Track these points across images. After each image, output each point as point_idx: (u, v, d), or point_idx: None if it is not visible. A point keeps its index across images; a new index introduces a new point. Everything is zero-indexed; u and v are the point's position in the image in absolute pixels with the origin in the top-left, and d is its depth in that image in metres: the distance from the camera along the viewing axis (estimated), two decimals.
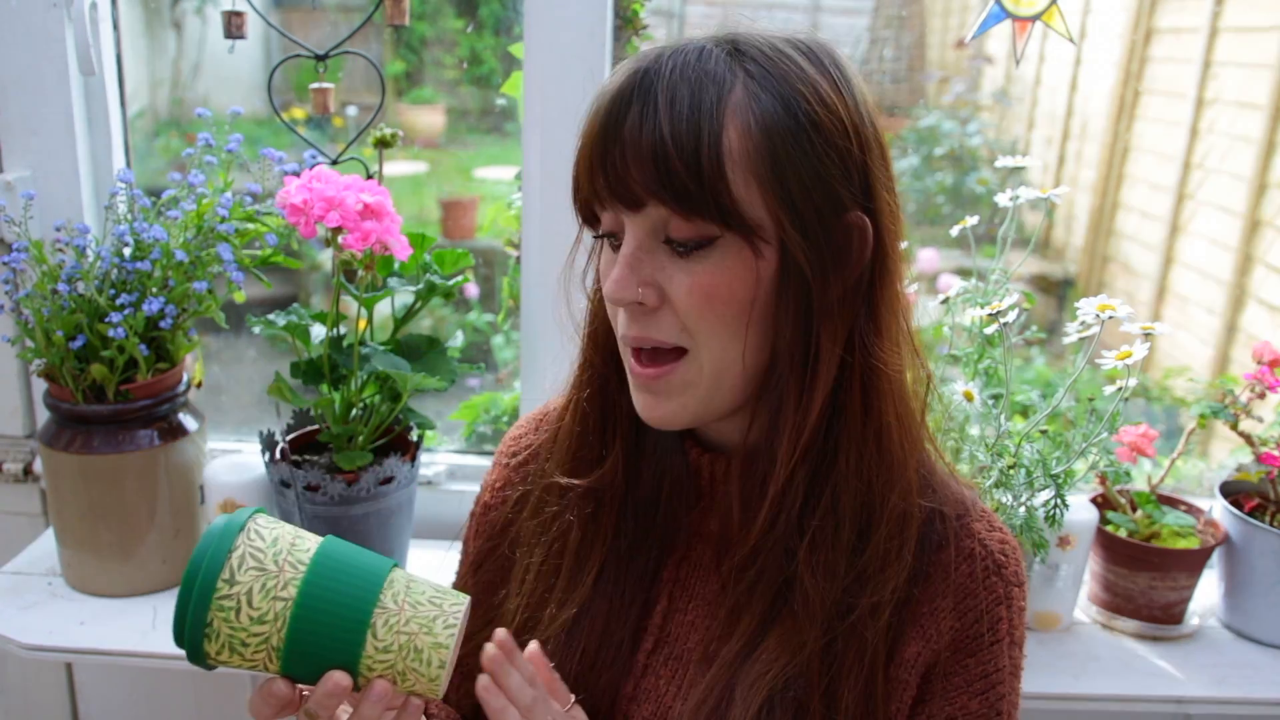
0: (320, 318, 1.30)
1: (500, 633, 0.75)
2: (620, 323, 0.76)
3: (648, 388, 0.76)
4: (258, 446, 1.30)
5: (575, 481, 0.85)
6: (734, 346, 0.73)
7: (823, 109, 0.71)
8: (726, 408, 0.77)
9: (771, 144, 0.69)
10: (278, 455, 1.28)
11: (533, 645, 0.79)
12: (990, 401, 1.22)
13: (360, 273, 1.23)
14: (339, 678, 0.67)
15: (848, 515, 0.76)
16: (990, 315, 1.18)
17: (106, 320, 1.21)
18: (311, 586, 0.66)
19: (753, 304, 0.72)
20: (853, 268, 0.73)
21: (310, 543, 0.69)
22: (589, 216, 0.77)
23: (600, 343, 0.84)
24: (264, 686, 0.69)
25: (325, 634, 0.66)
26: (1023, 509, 1.17)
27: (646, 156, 0.68)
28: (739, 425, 0.80)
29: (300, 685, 0.70)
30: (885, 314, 0.76)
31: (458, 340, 1.35)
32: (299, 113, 1.69)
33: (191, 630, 0.66)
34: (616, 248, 0.75)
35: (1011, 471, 1.17)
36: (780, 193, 0.69)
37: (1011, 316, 1.17)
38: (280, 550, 0.67)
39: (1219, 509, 1.34)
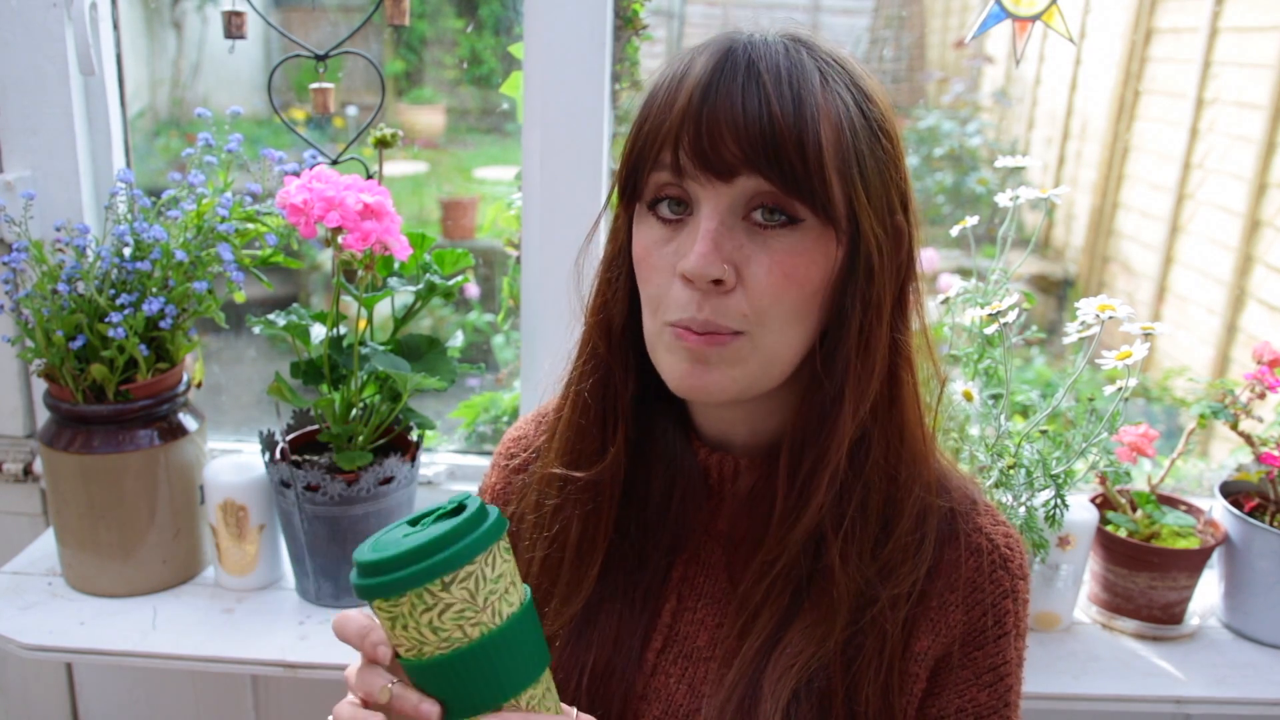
0: (320, 318, 1.30)
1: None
2: (676, 305, 0.73)
3: (697, 355, 0.73)
4: (258, 446, 1.30)
5: (575, 474, 0.84)
6: (793, 332, 0.74)
7: (885, 115, 0.74)
8: (768, 389, 0.77)
9: (855, 141, 0.71)
10: (278, 455, 1.28)
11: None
12: (990, 401, 1.22)
13: (360, 273, 1.23)
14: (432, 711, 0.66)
15: (875, 508, 0.78)
16: (990, 315, 1.18)
17: (106, 320, 1.21)
18: (492, 644, 0.65)
19: (823, 291, 0.73)
20: (893, 265, 0.76)
21: (515, 597, 0.68)
22: (637, 189, 0.75)
23: (609, 328, 0.82)
24: (371, 636, 0.68)
25: (468, 682, 0.66)
26: (1023, 509, 1.17)
27: (752, 128, 0.68)
28: (758, 424, 0.81)
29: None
30: (909, 311, 0.79)
31: (458, 340, 1.35)
32: (299, 113, 1.69)
33: (399, 578, 0.63)
34: (668, 222, 0.74)
35: (1011, 471, 1.17)
36: (863, 188, 0.72)
37: (1011, 316, 1.17)
38: (497, 590, 0.66)
39: (1219, 509, 1.34)
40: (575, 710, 0.71)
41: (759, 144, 0.68)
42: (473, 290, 2.00)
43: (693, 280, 0.71)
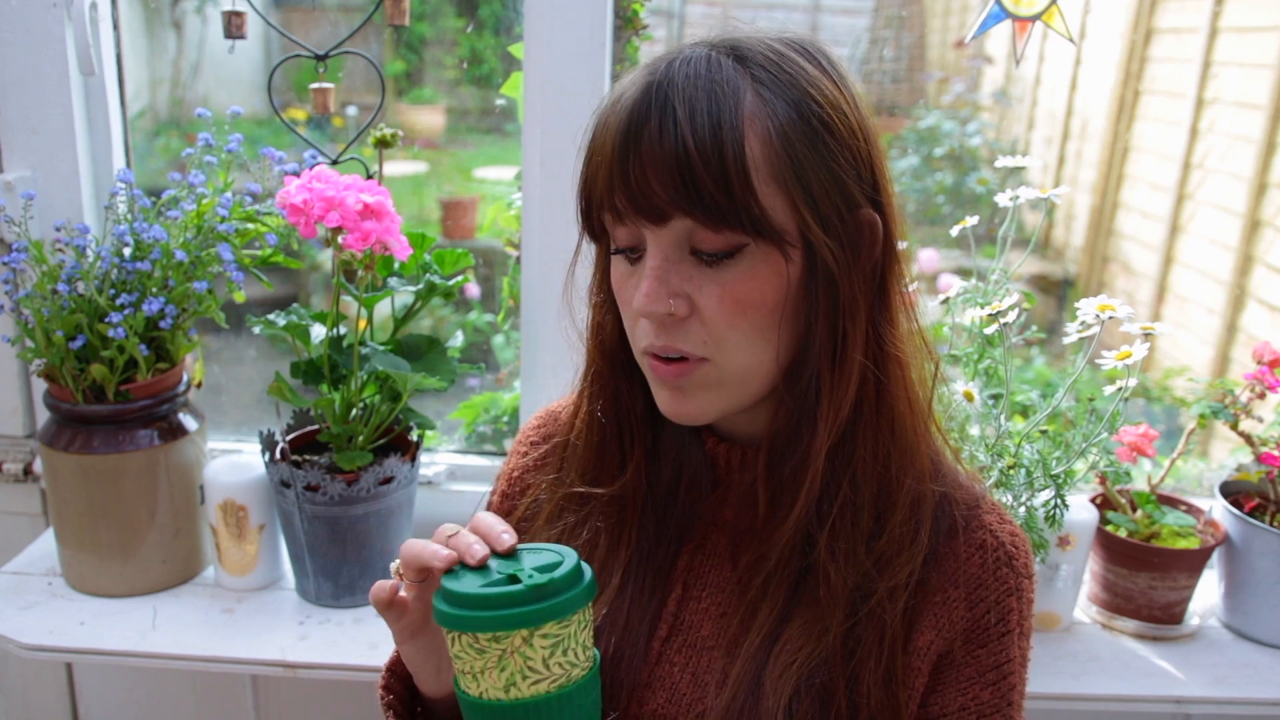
0: (320, 318, 1.30)
1: None
2: (642, 333, 0.75)
3: (673, 384, 0.76)
4: (258, 446, 1.30)
5: (599, 491, 0.85)
6: (763, 349, 0.74)
7: (832, 110, 0.72)
8: (752, 402, 0.78)
9: (791, 149, 0.70)
10: (278, 455, 1.28)
11: None
12: (990, 401, 1.22)
13: (360, 273, 1.23)
14: None
15: (866, 501, 0.78)
16: (990, 315, 1.18)
17: (106, 320, 1.21)
18: (575, 691, 0.68)
19: (782, 306, 0.73)
20: (865, 262, 0.75)
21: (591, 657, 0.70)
22: (595, 230, 0.77)
23: (608, 351, 0.84)
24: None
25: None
26: (1023, 509, 1.17)
27: (671, 170, 0.68)
28: (758, 417, 0.81)
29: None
30: (895, 304, 0.78)
31: (458, 340, 1.35)
32: (299, 113, 1.69)
33: (490, 620, 0.65)
34: (633, 260, 0.75)
35: (1011, 471, 1.17)
36: (804, 197, 0.70)
37: (1011, 316, 1.17)
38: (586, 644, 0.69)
39: (1219, 509, 1.34)
40: None
41: (680, 185, 0.68)
42: (473, 290, 2.00)
43: (645, 316, 0.73)
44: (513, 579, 0.66)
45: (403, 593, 0.76)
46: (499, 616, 0.64)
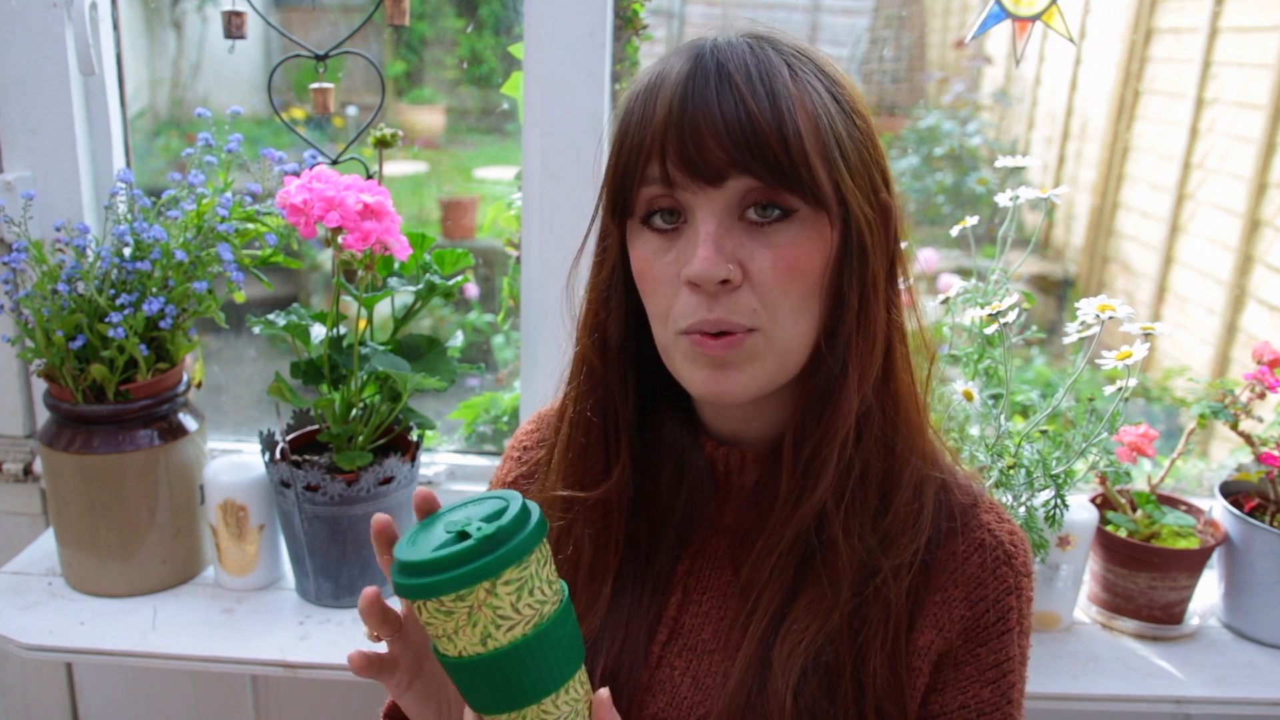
0: (320, 318, 1.30)
1: (603, 693, 0.72)
2: (687, 311, 0.74)
3: (719, 360, 0.74)
4: (258, 446, 1.30)
5: (581, 494, 0.84)
6: (803, 322, 0.75)
7: (857, 101, 0.76)
8: (783, 382, 0.77)
9: (833, 126, 0.73)
10: (278, 455, 1.28)
11: (603, 693, 0.73)
12: (990, 401, 1.22)
13: (360, 273, 1.23)
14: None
15: (874, 480, 0.79)
16: (990, 315, 1.18)
17: (106, 320, 1.21)
18: (530, 643, 0.67)
19: (824, 277, 0.74)
20: (890, 241, 0.78)
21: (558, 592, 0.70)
22: (625, 206, 0.76)
23: (605, 348, 0.83)
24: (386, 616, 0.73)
25: (506, 681, 0.67)
26: (1023, 509, 1.17)
27: (732, 130, 0.69)
28: (762, 415, 0.81)
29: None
30: (899, 285, 0.80)
31: (458, 340, 1.35)
32: (299, 113, 1.69)
33: (449, 580, 0.64)
34: (663, 232, 0.74)
35: (1011, 471, 1.17)
36: (846, 171, 0.73)
37: (1011, 316, 1.17)
38: (551, 583, 0.68)
39: (1219, 509, 1.34)
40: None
41: (742, 144, 0.69)
42: (473, 290, 2.00)
43: (700, 285, 0.72)
44: (462, 535, 0.65)
45: (383, 648, 0.75)
46: (457, 576, 0.64)
